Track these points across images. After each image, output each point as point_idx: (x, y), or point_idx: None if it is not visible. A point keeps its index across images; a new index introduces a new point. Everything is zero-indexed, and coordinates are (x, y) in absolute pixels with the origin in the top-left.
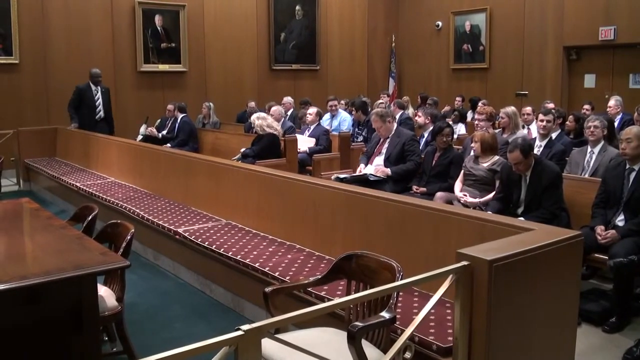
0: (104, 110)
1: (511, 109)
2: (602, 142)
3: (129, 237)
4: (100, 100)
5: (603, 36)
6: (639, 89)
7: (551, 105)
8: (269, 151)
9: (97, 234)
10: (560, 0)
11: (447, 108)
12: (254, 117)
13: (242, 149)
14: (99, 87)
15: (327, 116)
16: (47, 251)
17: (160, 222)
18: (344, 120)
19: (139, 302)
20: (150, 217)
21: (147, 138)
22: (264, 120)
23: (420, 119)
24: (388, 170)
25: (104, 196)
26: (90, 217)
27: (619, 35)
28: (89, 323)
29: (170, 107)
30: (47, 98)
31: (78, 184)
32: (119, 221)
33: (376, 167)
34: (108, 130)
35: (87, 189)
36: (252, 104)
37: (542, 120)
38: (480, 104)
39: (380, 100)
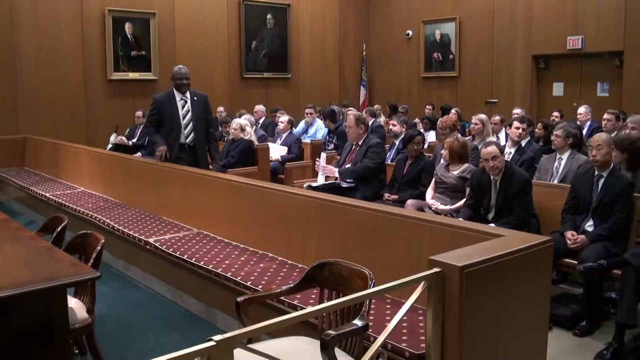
0: (194, 131)
1: (483, 116)
2: (570, 149)
3: (99, 248)
4: (189, 116)
5: (571, 45)
6: (606, 97)
7: (519, 111)
8: (245, 157)
9: (67, 245)
10: (529, 10)
11: (417, 120)
12: (241, 118)
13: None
14: (187, 95)
15: (302, 124)
16: (16, 263)
17: (130, 232)
18: (320, 128)
19: (109, 314)
20: (120, 227)
21: (118, 147)
22: (247, 126)
23: (396, 127)
24: (335, 171)
25: (74, 206)
26: (60, 227)
27: (586, 44)
28: (59, 336)
29: (138, 113)
30: (15, 107)
31: (47, 194)
32: (88, 232)
33: (324, 166)
34: (194, 163)
35: (56, 199)
36: (221, 108)
37: (517, 128)
38: (452, 111)
39: (350, 108)
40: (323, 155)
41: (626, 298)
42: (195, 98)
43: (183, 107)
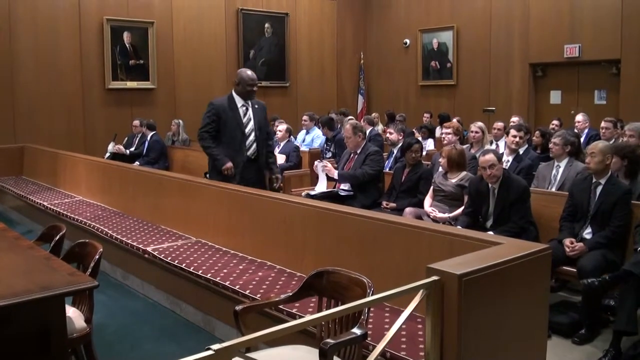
0: (256, 142)
1: (482, 124)
2: (568, 157)
3: (97, 257)
4: (251, 125)
5: (568, 53)
6: (604, 105)
7: (516, 120)
8: None
9: (65, 254)
10: (526, 19)
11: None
12: None
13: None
14: (248, 103)
15: (302, 133)
16: (14, 272)
17: (129, 241)
18: (317, 137)
19: (108, 323)
20: (118, 236)
21: (115, 156)
22: None
23: (393, 135)
24: (335, 173)
25: (72, 215)
26: (58, 236)
27: (583, 52)
28: (57, 345)
29: (136, 122)
30: (13, 116)
31: (45, 203)
32: (87, 240)
33: (324, 165)
34: (258, 181)
35: (54, 208)
36: None
37: (514, 136)
38: (454, 120)
39: (350, 117)
40: (318, 164)
41: (627, 306)
42: (256, 106)
43: (245, 114)
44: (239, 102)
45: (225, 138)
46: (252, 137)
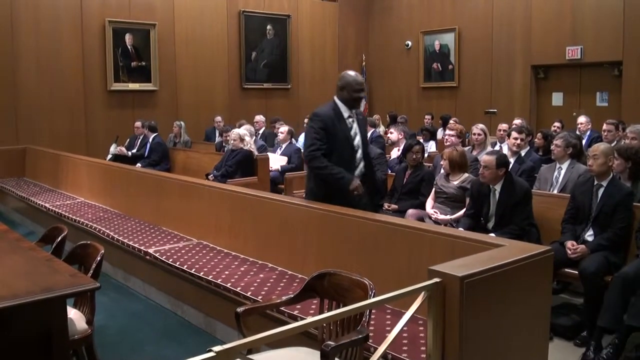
0: (364, 158)
1: (484, 126)
2: (570, 159)
3: (98, 258)
4: (357, 139)
5: (570, 55)
6: (606, 107)
7: (519, 122)
8: (244, 167)
9: (67, 256)
10: (528, 21)
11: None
12: (241, 128)
13: (211, 175)
14: (354, 113)
15: (304, 135)
16: (15, 274)
17: (130, 243)
18: None
19: (109, 325)
20: (120, 238)
21: (117, 157)
22: (246, 136)
23: (393, 135)
24: None
25: (74, 217)
26: (60, 238)
27: (585, 54)
28: (58, 347)
29: (138, 124)
30: (15, 117)
31: (47, 205)
32: (88, 242)
33: None
34: (370, 202)
35: (56, 210)
36: (219, 118)
37: (515, 138)
38: (451, 121)
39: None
40: None
41: (612, 304)
42: (360, 117)
43: (351, 127)
44: (344, 112)
45: (332, 156)
46: (359, 152)
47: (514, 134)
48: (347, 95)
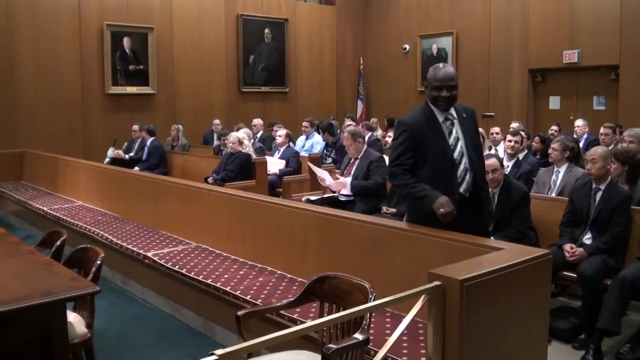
0: (471, 170)
1: (481, 129)
2: (568, 162)
3: (98, 262)
4: (460, 147)
5: (567, 59)
6: (603, 111)
7: (516, 125)
8: (243, 170)
9: (66, 259)
10: (525, 25)
11: None
12: (240, 132)
13: (210, 178)
14: (453, 114)
15: (301, 138)
16: (14, 278)
17: (129, 246)
18: (317, 142)
19: (108, 328)
20: (119, 242)
21: (115, 160)
22: (245, 139)
23: (391, 138)
24: (347, 181)
25: (72, 220)
26: (59, 242)
27: (582, 58)
28: (58, 351)
29: (135, 127)
30: (13, 121)
31: (45, 209)
32: (88, 246)
33: (337, 182)
34: (478, 226)
35: (54, 214)
36: (217, 121)
37: (510, 141)
38: None
39: (349, 122)
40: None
41: (612, 306)
42: (464, 115)
43: (450, 133)
44: (439, 115)
45: (425, 171)
46: (463, 164)
47: (509, 137)
48: (429, 94)
